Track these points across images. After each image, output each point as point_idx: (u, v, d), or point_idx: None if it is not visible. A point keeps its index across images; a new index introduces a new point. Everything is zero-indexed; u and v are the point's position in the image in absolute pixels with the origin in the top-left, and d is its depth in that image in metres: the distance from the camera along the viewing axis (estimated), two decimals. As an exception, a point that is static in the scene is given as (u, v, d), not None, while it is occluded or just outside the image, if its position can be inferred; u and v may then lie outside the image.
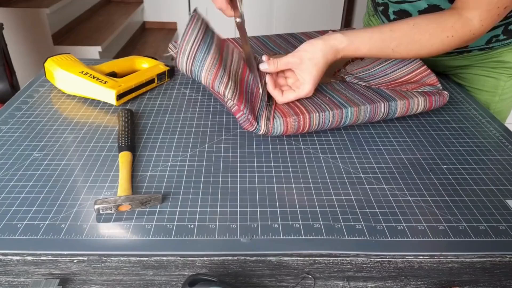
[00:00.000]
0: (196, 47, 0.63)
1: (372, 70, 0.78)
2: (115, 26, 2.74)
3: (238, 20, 0.69)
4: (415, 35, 0.65)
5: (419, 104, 0.70)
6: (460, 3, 0.65)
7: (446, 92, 0.73)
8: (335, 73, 0.78)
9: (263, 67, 0.68)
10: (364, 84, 0.74)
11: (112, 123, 0.68)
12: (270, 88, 0.67)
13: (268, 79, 0.67)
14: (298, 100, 0.67)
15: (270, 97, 0.68)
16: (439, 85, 0.74)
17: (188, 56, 0.63)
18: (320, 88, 0.72)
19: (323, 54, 0.65)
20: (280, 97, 0.66)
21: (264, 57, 0.69)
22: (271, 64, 0.67)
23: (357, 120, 0.67)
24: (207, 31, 0.65)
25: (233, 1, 0.69)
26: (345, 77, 0.77)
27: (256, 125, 0.63)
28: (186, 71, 0.64)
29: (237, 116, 0.64)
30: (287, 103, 0.67)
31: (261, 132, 0.63)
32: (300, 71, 0.66)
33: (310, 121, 0.64)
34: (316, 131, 0.67)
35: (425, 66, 0.76)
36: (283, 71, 0.70)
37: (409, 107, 0.70)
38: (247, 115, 0.62)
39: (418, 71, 0.76)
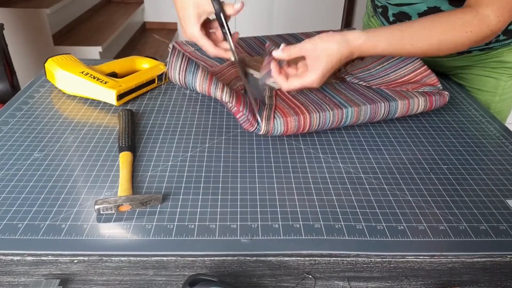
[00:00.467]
0: (186, 63, 0.63)
1: (373, 70, 0.78)
2: (115, 26, 2.74)
3: (233, 59, 0.68)
4: (435, 29, 0.64)
5: (419, 104, 0.70)
6: (474, 1, 0.64)
7: (447, 92, 0.73)
8: (336, 73, 0.78)
9: (277, 53, 0.64)
10: (364, 84, 0.74)
11: (112, 123, 0.69)
12: (275, 74, 0.64)
13: (273, 65, 0.64)
14: (298, 99, 0.67)
15: (270, 98, 0.68)
16: (440, 85, 0.74)
17: (180, 69, 0.63)
18: (320, 88, 0.72)
19: (338, 47, 0.62)
20: (284, 83, 0.63)
21: (282, 45, 0.65)
22: (285, 51, 0.63)
23: (358, 120, 0.67)
24: (190, 59, 0.65)
25: (226, 40, 0.68)
26: (345, 77, 0.76)
27: (256, 125, 0.63)
28: (180, 83, 0.64)
29: (237, 117, 0.64)
30: (288, 103, 0.67)
31: (261, 132, 0.63)
32: (311, 60, 0.62)
33: (311, 121, 0.64)
34: (316, 131, 0.67)
35: (426, 66, 0.76)
36: (295, 62, 0.67)
37: (409, 107, 0.70)
38: (246, 115, 0.62)
39: (418, 71, 0.76)
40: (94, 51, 2.39)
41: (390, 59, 0.79)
